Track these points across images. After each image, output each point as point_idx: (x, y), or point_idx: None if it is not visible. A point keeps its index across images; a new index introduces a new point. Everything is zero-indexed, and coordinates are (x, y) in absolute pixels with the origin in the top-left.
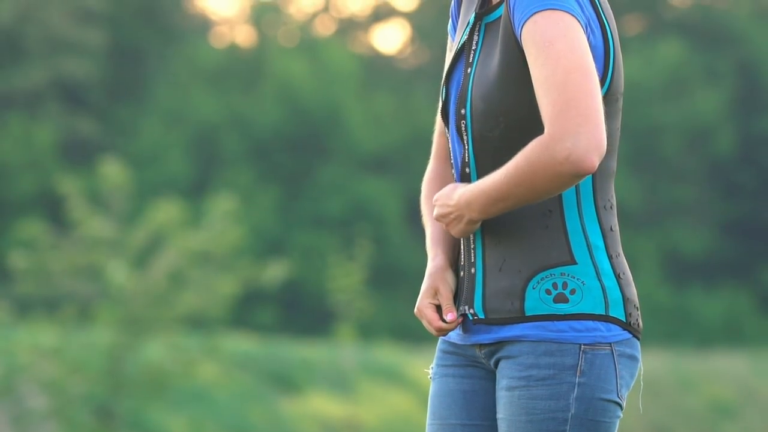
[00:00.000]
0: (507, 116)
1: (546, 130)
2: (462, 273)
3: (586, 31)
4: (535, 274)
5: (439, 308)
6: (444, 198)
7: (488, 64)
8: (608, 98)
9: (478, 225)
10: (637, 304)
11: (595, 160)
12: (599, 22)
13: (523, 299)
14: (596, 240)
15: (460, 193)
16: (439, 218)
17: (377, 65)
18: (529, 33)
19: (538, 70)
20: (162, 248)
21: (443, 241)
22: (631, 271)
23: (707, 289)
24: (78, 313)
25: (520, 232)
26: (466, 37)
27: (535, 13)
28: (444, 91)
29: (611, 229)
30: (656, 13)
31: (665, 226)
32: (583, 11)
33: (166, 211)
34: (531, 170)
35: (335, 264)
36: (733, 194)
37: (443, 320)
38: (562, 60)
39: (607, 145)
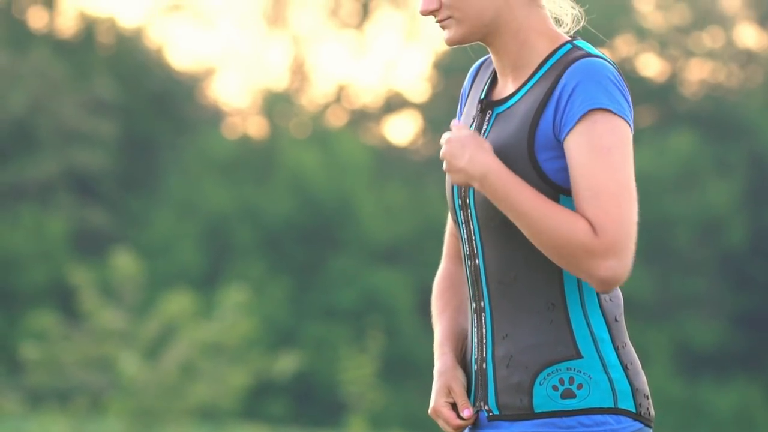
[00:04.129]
0: None
1: (597, 232)
2: (474, 367)
3: None
4: (541, 370)
5: (454, 406)
6: (459, 144)
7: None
8: None
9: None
10: (647, 393)
11: (619, 284)
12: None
13: (531, 395)
14: (601, 332)
15: (479, 158)
16: (443, 156)
17: (389, 156)
18: (586, 132)
19: (590, 171)
20: (173, 339)
21: (452, 339)
22: (642, 361)
23: (719, 382)
24: (90, 405)
25: (525, 328)
26: (474, 125)
27: (594, 109)
28: (449, 181)
29: (616, 320)
30: (668, 104)
31: (677, 318)
32: (631, 113)
33: (177, 302)
34: (565, 242)
35: (347, 355)
36: (745, 286)
37: (460, 417)
38: (617, 173)
39: None
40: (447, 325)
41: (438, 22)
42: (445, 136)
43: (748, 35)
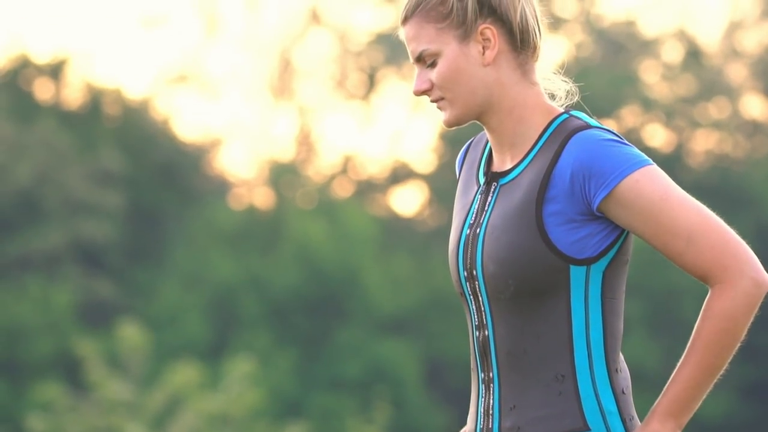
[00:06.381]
0: (517, 279)
1: (717, 276)
2: None
3: None
4: None
5: None
6: None
7: (501, 226)
8: (619, 258)
9: None
10: None
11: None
12: None
13: None
14: (609, 405)
15: (654, 424)
16: None
17: (395, 227)
18: (634, 191)
19: (667, 223)
20: (180, 411)
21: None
22: None
23: None
24: None
25: (533, 399)
26: (479, 198)
27: (630, 173)
28: (454, 253)
29: (623, 392)
30: (674, 174)
31: None
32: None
33: (184, 374)
34: (732, 323)
35: (354, 426)
36: (752, 358)
37: None
38: (687, 204)
39: (615, 307)
40: None
41: (432, 101)
42: None
43: (753, 106)
